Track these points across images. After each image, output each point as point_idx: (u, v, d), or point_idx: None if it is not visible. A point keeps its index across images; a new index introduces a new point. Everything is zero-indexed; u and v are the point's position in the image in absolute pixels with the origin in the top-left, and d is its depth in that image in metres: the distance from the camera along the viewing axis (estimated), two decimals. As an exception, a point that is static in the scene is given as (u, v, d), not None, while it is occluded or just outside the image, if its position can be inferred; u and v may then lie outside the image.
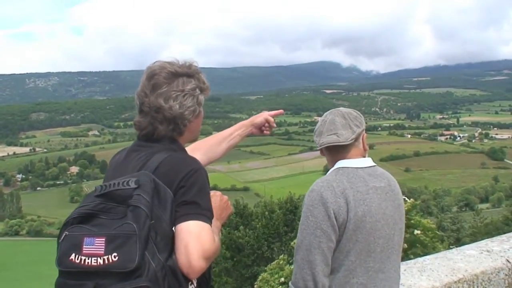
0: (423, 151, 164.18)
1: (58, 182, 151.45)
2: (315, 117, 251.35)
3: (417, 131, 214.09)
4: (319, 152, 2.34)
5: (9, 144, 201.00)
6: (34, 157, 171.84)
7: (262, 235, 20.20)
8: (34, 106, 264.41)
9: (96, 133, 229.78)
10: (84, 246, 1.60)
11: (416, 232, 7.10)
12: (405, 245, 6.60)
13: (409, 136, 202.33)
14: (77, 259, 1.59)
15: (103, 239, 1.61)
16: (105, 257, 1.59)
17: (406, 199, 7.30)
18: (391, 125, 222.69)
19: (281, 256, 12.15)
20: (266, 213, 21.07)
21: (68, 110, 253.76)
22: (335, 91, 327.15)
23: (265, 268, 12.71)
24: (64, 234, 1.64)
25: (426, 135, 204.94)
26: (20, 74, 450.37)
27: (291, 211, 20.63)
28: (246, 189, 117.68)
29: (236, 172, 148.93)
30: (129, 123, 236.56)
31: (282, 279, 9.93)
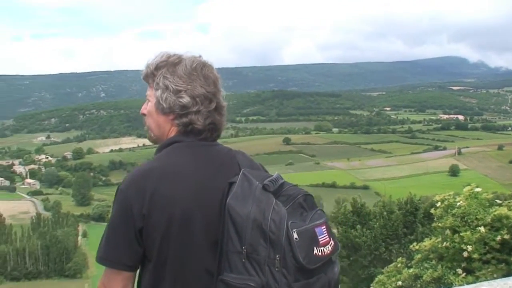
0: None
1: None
2: (440, 115, 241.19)
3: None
4: (444, 151, 2.56)
5: (139, 136, 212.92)
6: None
7: (380, 235, 19.64)
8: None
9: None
10: (319, 237, 1.58)
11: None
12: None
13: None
14: (319, 251, 1.56)
15: (325, 226, 1.62)
16: (331, 243, 1.62)
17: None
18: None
19: (399, 259, 11.73)
20: (385, 213, 20.48)
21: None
22: (462, 88, 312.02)
23: (382, 270, 12.37)
24: (294, 232, 1.53)
25: None
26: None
27: (411, 213, 19.78)
28: (365, 188, 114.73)
29: (356, 169, 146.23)
30: (250, 117, 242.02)
31: (400, 283, 9.58)
